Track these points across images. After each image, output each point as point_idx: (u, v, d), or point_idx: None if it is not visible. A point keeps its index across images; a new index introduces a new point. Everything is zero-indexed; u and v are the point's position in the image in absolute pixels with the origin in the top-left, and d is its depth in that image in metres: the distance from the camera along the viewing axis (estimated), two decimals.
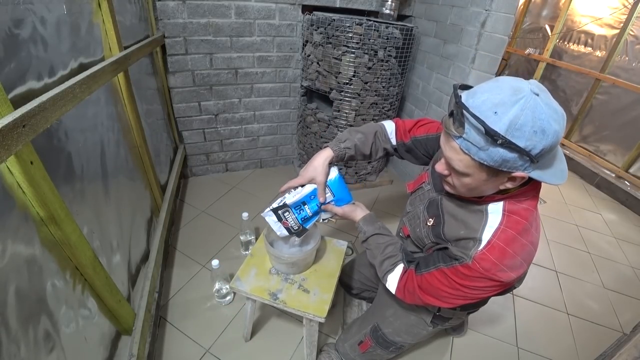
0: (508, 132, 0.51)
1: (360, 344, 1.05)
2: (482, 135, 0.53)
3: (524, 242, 0.64)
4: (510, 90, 0.52)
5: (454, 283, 0.70)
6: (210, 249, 1.65)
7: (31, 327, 0.61)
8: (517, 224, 0.64)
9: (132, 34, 1.35)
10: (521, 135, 0.51)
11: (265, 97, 2.10)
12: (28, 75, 0.67)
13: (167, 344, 1.22)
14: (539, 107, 0.51)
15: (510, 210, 0.65)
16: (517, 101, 0.51)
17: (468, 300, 0.71)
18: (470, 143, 0.56)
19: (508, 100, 0.51)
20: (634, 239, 2.20)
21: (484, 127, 0.52)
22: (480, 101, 0.53)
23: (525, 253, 0.64)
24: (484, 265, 0.64)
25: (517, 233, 0.64)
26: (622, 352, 1.00)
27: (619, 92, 2.72)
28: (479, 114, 0.53)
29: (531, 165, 0.56)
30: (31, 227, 0.64)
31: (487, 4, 1.43)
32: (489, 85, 0.55)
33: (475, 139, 0.54)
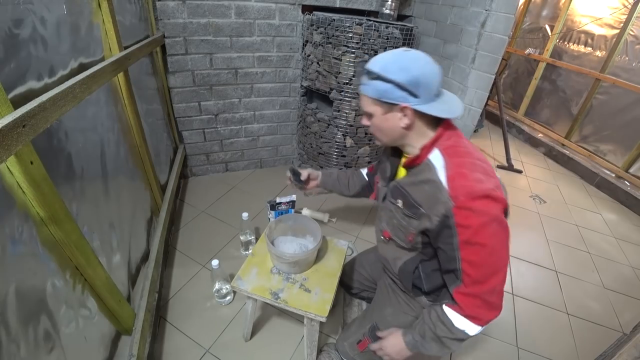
0: (381, 70, 0.72)
1: (359, 343, 1.05)
2: (365, 74, 0.75)
3: (470, 160, 0.73)
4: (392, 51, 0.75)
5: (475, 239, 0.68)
6: (210, 249, 1.65)
7: (31, 327, 0.61)
8: (456, 152, 0.75)
9: (132, 34, 1.35)
10: (389, 72, 0.71)
11: (265, 97, 2.10)
12: (28, 75, 0.67)
13: (167, 344, 1.22)
14: (404, 55, 0.72)
15: (444, 147, 0.76)
16: (391, 53, 0.74)
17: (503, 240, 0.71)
18: (363, 85, 0.77)
19: (386, 54, 0.74)
20: (634, 239, 2.20)
21: (364, 68, 0.75)
22: (373, 60, 0.75)
23: (479, 168, 0.72)
24: (461, 192, 0.68)
25: (460, 157, 0.74)
26: (622, 352, 1.00)
27: (619, 92, 2.72)
28: (368, 66, 0.75)
29: (414, 99, 0.71)
30: (31, 227, 0.64)
31: (487, 4, 1.43)
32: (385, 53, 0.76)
33: (364, 79, 0.76)
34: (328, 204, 2.07)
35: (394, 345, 0.87)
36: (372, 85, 0.74)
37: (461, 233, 0.69)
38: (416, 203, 0.77)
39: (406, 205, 0.81)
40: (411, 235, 0.82)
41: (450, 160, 0.73)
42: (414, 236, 0.81)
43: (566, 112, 3.20)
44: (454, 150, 0.75)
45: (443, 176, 0.72)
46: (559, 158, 3.16)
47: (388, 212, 0.90)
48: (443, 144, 0.76)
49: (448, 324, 0.77)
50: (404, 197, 0.81)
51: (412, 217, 0.79)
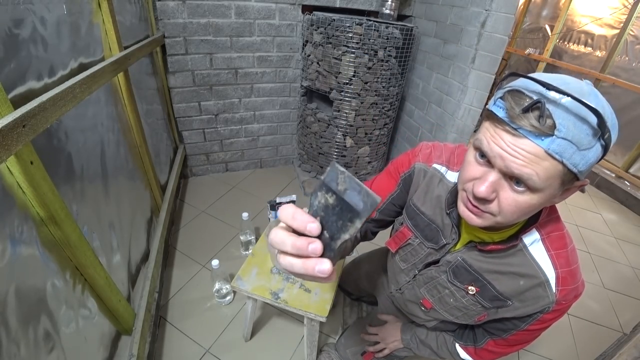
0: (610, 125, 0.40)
1: (363, 354, 1.04)
2: (590, 128, 0.39)
3: (572, 248, 0.59)
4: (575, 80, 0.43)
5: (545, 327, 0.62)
6: (210, 249, 1.65)
7: (31, 327, 0.61)
8: (560, 239, 0.57)
9: (132, 34, 1.34)
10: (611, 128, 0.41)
11: (265, 97, 2.10)
12: (28, 75, 0.67)
13: (167, 344, 1.22)
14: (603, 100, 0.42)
15: (545, 231, 0.57)
16: (592, 90, 0.42)
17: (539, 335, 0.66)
18: (568, 142, 0.40)
19: (585, 88, 0.42)
20: (634, 239, 2.20)
21: (597, 115, 0.38)
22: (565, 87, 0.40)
23: (576, 256, 0.59)
24: (568, 297, 0.57)
25: (566, 248, 0.57)
26: (622, 352, 1.00)
27: (619, 92, 2.72)
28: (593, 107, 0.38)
29: None
30: (31, 227, 0.64)
31: (487, 4, 1.43)
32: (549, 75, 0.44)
33: (577, 135, 0.39)
34: None
35: (391, 335, 0.90)
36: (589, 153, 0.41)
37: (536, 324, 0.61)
38: (502, 296, 0.61)
39: (485, 296, 0.63)
40: (482, 317, 0.67)
41: (558, 253, 0.56)
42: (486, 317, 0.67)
43: None
44: (557, 236, 0.57)
45: (551, 275, 0.56)
46: None
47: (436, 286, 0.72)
48: (544, 225, 0.57)
49: (453, 354, 0.77)
50: (482, 286, 0.63)
51: (491, 308, 0.64)
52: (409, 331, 0.87)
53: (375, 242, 1.84)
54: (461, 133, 1.71)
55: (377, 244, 1.77)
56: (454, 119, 1.70)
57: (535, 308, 0.58)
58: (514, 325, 0.64)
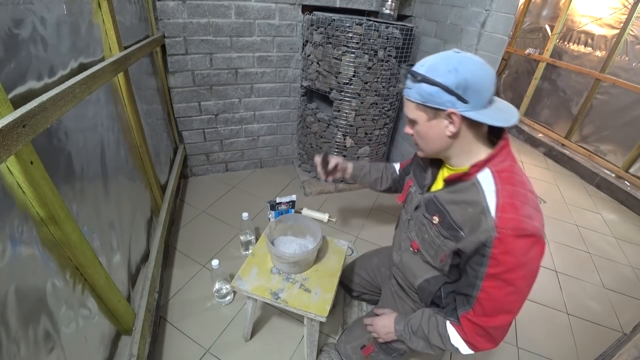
0: (427, 72, 0.67)
1: (363, 348, 1.04)
2: (410, 78, 0.70)
3: (523, 191, 0.66)
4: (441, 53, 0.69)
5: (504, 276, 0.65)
6: (210, 249, 1.65)
7: (31, 327, 0.61)
8: (510, 178, 0.67)
9: (132, 34, 1.35)
10: (437, 73, 0.65)
11: (265, 97, 2.10)
12: (28, 75, 0.67)
13: (167, 344, 1.22)
14: (454, 57, 0.66)
15: (497, 170, 0.69)
16: (438, 54, 0.69)
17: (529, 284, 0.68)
18: (407, 89, 0.72)
19: (434, 56, 0.69)
20: (634, 239, 2.20)
21: (408, 70, 0.69)
22: (419, 62, 0.71)
23: (531, 201, 0.66)
24: (508, 225, 0.62)
25: (514, 186, 0.66)
26: (622, 352, 1.00)
27: (619, 92, 2.72)
28: (413, 68, 0.71)
29: (463, 105, 0.65)
30: (31, 227, 0.64)
31: (487, 4, 1.43)
32: None
33: (409, 83, 0.71)
34: (328, 204, 2.07)
35: (384, 327, 0.92)
36: (417, 89, 0.68)
37: (492, 265, 0.65)
38: (456, 225, 0.71)
39: (444, 224, 0.74)
40: (444, 256, 0.76)
41: (503, 187, 0.66)
42: (446, 257, 0.76)
43: (566, 112, 3.20)
44: (508, 176, 0.67)
45: (492, 203, 0.65)
46: (559, 158, 3.16)
47: (420, 225, 0.84)
48: (497, 166, 0.69)
49: (444, 337, 0.78)
50: (442, 216, 0.75)
51: (449, 238, 0.73)
52: (402, 321, 0.88)
53: (379, 243, 1.84)
54: None
55: (373, 242, 1.77)
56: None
57: (480, 237, 0.65)
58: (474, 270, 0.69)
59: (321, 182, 2.19)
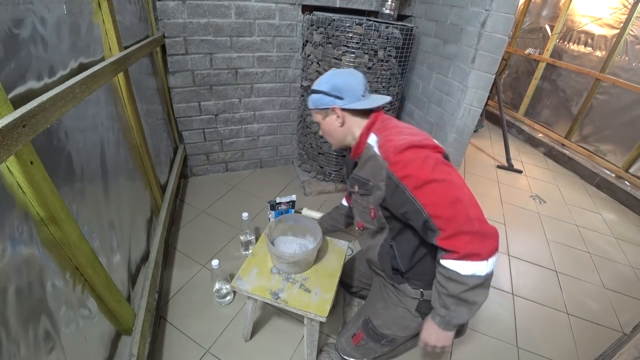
0: (314, 86, 0.94)
1: (353, 337, 1.06)
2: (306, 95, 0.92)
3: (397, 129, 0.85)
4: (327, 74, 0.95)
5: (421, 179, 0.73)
6: (210, 249, 1.65)
7: (31, 327, 0.61)
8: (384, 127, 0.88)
9: (132, 34, 1.34)
10: (319, 85, 0.93)
11: (265, 97, 2.10)
12: (28, 75, 0.67)
13: (167, 344, 1.22)
14: (330, 72, 0.94)
15: (376, 129, 0.89)
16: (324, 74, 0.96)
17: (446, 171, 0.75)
18: (308, 101, 0.97)
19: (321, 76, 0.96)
20: (634, 239, 2.20)
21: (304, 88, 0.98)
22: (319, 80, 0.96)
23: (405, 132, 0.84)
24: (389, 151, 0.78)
25: (388, 130, 0.86)
26: (622, 352, 1.00)
27: (619, 92, 2.72)
28: None
29: (340, 101, 0.89)
30: (31, 227, 0.64)
31: (487, 4, 1.43)
32: None
33: (306, 96, 0.97)
34: (328, 204, 2.07)
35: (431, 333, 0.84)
36: (310, 99, 0.95)
37: (407, 183, 0.75)
38: (365, 179, 0.87)
39: (359, 186, 0.90)
40: (372, 211, 0.89)
41: (381, 135, 0.85)
42: (375, 211, 0.88)
43: (566, 112, 3.20)
44: (383, 127, 0.88)
45: (376, 148, 0.84)
46: (559, 158, 3.16)
47: (355, 204, 0.99)
48: (376, 127, 0.90)
49: (456, 277, 0.74)
50: (357, 181, 0.91)
51: (366, 193, 0.88)
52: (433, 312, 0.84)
53: None
54: (461, 133, 1.71)
55: None
56: (454, 119, 1.70)
57: (381, 175, 0.80)
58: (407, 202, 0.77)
59: (321, 182, 2.19)
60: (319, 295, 1.02)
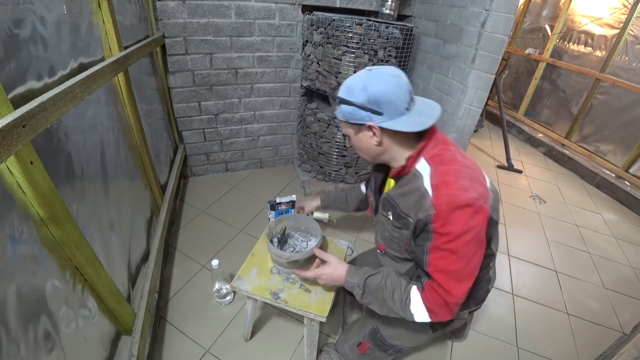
0: (343, 94, 0.77)
1: (359, 346, 1.04)
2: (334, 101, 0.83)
3: (456, 167, 0.73)
4: (358, 73, 0.78)
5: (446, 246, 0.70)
6: (210, 249, 1.65)
7: (31, 327, 0.61)
8: (442, 160, 0.75)
9: (132, 34, 1.34)
10: (352, 94, 0.74)
11: (265, 97, 2.10)
12: (28, 75, 0.67)
13: (167, 344, 1.22)
14: (364, 76, 0.75)
15: (430, 156, 0.76)
16: (355, 75, 0.78)
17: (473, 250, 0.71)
18: (336, 110, 0.82)
19: (351, 77, 0.79)
20: (634, 239, 2.20)
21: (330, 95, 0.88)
22: (341, 85, 0.80)
23: (465, 174, 0.72)
24: (443, 201, 0.68)
25: (446, 165, 0.74)
26: (622, 352, 1.00)
27: (619, 92, 2.72)
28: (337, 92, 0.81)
29: (378, 117, 0.73)
30: (31, 227, 0.64)
31: (487, 4, 1.43)
32: None
33: (335, 105, 0.83)
34: None
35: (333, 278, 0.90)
36: (340, 110, 0.79)
37: (435, 239, 0.71)
38: (404, 214, 0.77)
39: (395, 216, 0.80)
40: (406, 245, 0.81)
41: (436, 168, 0.73)
42: (408, 245, 0.81)
43: (566, 112, 3.20)
44: (440, 159, 0.75)
45: (428, 184, 0.72)
46: (559, 158, 3.16)
47: (381, 225, 0.90)
48: (429, 153, 0.77)
49: (404, 302, 0.78)
50: (394, 209, 0.81)
51: (403, 228, 0.79)
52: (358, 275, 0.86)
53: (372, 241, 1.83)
54: (461, 133, 1.71)
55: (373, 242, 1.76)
56: (454, 119, 1.70)
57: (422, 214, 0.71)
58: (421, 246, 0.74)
59: (321, 182, 2.19)
60: (319, 295, 1.02)
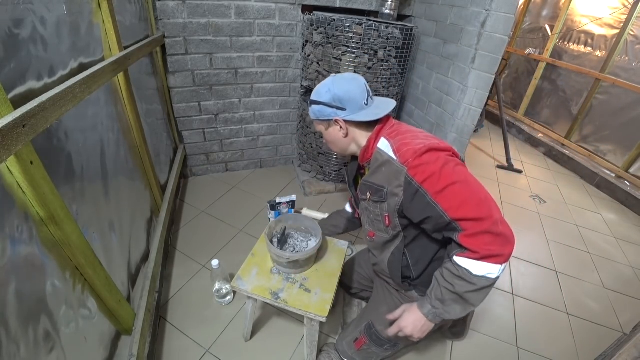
0: (314, 96, 0.90)
1: (355, 341, 1.06)
2: (307, 103, 0.94)
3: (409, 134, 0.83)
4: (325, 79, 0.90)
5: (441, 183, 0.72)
6: (210, 249, 1.65)
7: (31, 327, 0.61)
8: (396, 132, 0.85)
9: (132, 34, 1.34)
10: (319, 95, 0.88)
11: (265, 97, 2.10)
12: (28, 75, 0.67)
13: (167, 344, 1.22)
14: (330, 80, 0.88)
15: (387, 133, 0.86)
16: (323, 81, 0.90)
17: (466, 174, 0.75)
18: (309, 111, 0.94)
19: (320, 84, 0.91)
20: (634, 239, 2.20)
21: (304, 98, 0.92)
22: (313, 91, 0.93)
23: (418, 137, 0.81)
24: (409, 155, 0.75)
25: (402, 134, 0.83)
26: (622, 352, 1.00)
27: (619, 92, 2.72)
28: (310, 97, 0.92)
29: (342, 112, 0.86)
30: (31, 227, 0.64)
31: (487, 4, 1.43)
32: None
33: (308, 107, 0.94)
34: (328, 204, 2.07)
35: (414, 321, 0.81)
36: (311, 110, 0.92)
37: (428, 187, 0.73)
38: (379, 186, 0.84)
39: (373, 192, 0.87)
40: (386, 219, 0.86)
41: (394, 139, 0.82)
42: (391, 218, 0.86)
43: (566, 112, 3.20)
44: (395, 132, 0.85)
45: (392, 152, 0.80)
46: (559, 158, 3.16)
47: (365, 212, 0.95)
48: (386, 131, 0.87)
49: (466, 276, 0.73)
50: (370, 188, 0.88)
51: (381, 200, 0.85)
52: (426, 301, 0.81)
53: None
54: (461, 133, 1.71)
55: None
56: (454, 119, 1.70)
57: (399, 180, 0.77)
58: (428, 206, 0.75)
59: (321, 182, 2.19)
60: (319, 295, 1.02)
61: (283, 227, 1.17)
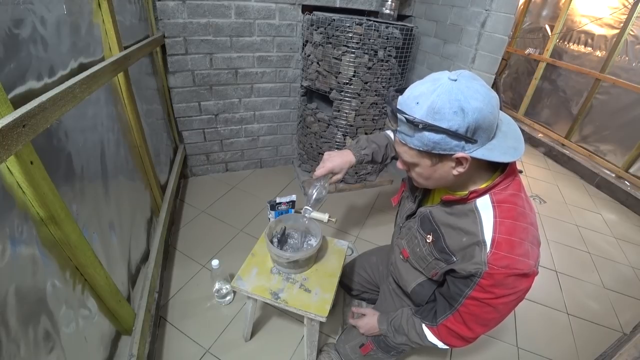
0: (428, 116, 0.56)
1: (361, 347, 1.05)
2: (406, 123, 0.59)
3: (524, 225, 0.63)
4: (429, 82, 0.59)
5: (488, 300, 0.65)
6: (210, 249, 1.65)
7: (31, 327, 0.61)
8: (510, 211, 0.64)
9: (132, 34, 1.34)
10: (442, 118, 0.55)
11: (265, 97, 2.10)
12: (28, 75, 0.67)
13: (167, 344, 1.22)
14: (455, 90, 0.55)
15: (498, 200, 0.65)
16: (435, 89, 0.57)
17: (512, 308, 0.68)
18: (403, 134, 0.62)
19: (427, 90, 0.57)
20: (634, 239, 2.20)
21: (404, 116, 0.58)
22: (405, 96, 0.61)
23: (530, 236, 0.63)
24: (501, 264, 0.60)
25: (514, 220, 0.63)
26: (622, 352, 1.00)
27: (619, 92, 2.72)
28: (403, 107, 0.60)
29: (471, 146, 0.59)
30: (31, 227, 0.64)
31: (487, 4, 1.43)
32: (416, 82, 0.62)
33: (405, 128, 0.61)
34: (328, 204, 2.07)
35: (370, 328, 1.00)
36: (419, 137, 0.59)
37: (478, 291, 0.65)
38: (449, 251, 0.70)
39: (437, 246, 0.73)
40: (435, 273, 0.77)
41: (502, 221, 0.63)
42: (438, 275, 0.76)
43: (566, 112, 3.20)
44: (509, 209, 0.64)
45: (489, 236, 0.62)
46: (559, 158, 3.16)
47: (411, 236, 0.83)
48: (498, 195, 0.65)
49: (422, 336, 0.83)
50: (437, 237, 0.73)
51: (441, 260, 0.73)
52: (385, 322, 0.94)
53: (379, 242, 1.84)
54: None
55: (373, 242, 1.77)
56: None
57: (470, 268, 0.64)
58: (459, 289, 0.69)
59: None
60: (319, 295, 1.02)
61: (283, 227, 1.17)
